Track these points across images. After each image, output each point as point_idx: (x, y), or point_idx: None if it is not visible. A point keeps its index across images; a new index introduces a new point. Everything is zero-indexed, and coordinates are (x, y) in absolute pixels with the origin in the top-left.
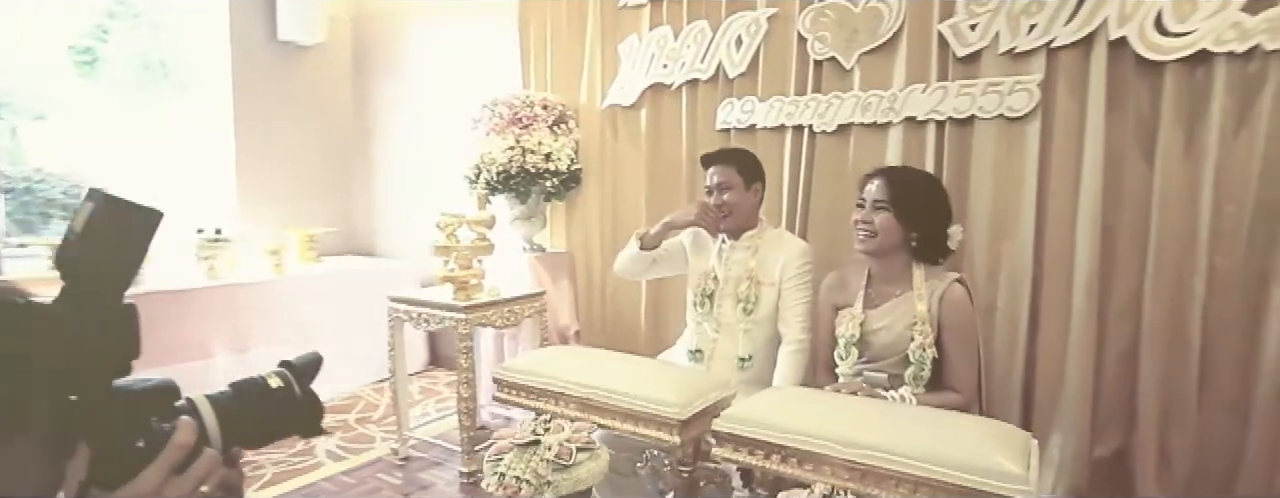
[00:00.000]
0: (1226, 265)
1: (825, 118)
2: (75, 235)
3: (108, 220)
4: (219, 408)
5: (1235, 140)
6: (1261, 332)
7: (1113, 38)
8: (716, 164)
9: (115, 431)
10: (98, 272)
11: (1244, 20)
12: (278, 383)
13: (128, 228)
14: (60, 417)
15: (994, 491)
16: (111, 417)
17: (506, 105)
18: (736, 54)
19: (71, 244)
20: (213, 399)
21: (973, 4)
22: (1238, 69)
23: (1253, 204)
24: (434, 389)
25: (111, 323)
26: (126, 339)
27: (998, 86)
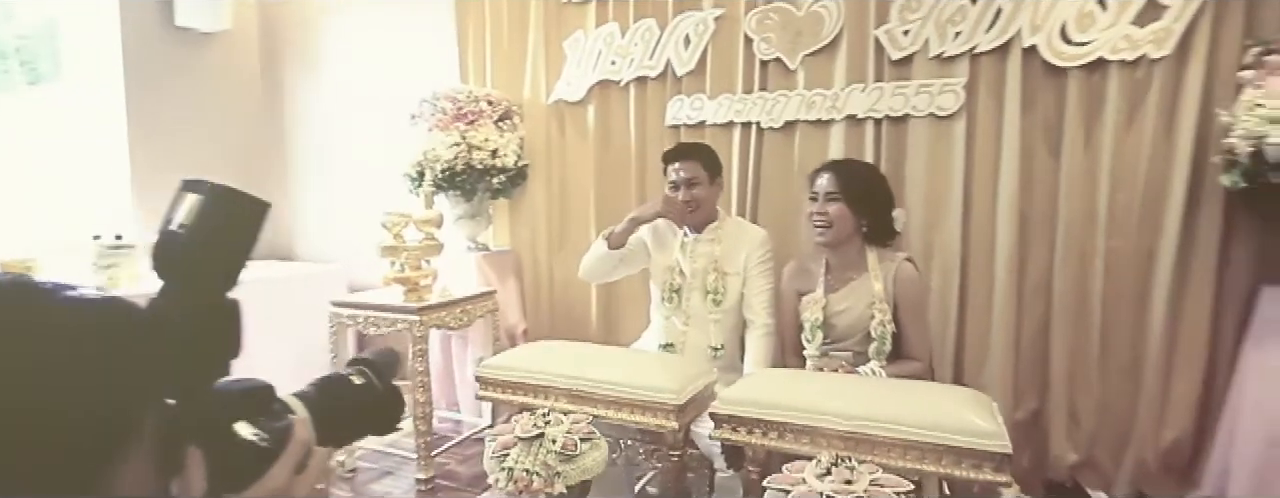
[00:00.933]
0: (1120, 247)
1: (772, 115)
2: (183, 229)
3: (217, 212)
4: (311, 407)
5: (1126, 137)
6: (1149, 303)
7: (1026, 46)
8: (682, 159)
9: (231, 432)
10: (207, 268)
11: (1133, 33)
12: (360, 380)
13: (238, 220)
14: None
15: (976, 446)
16: (224, 418)
17: (450, 100)
18: (685, 52)
19: (176, 239)
20: (303, 397)
21: (905, 11)
22: (1128, 75)
23: (1141, 192)
24: None
25: (218, 322)
26: (232, 338)
27: (928, 88)
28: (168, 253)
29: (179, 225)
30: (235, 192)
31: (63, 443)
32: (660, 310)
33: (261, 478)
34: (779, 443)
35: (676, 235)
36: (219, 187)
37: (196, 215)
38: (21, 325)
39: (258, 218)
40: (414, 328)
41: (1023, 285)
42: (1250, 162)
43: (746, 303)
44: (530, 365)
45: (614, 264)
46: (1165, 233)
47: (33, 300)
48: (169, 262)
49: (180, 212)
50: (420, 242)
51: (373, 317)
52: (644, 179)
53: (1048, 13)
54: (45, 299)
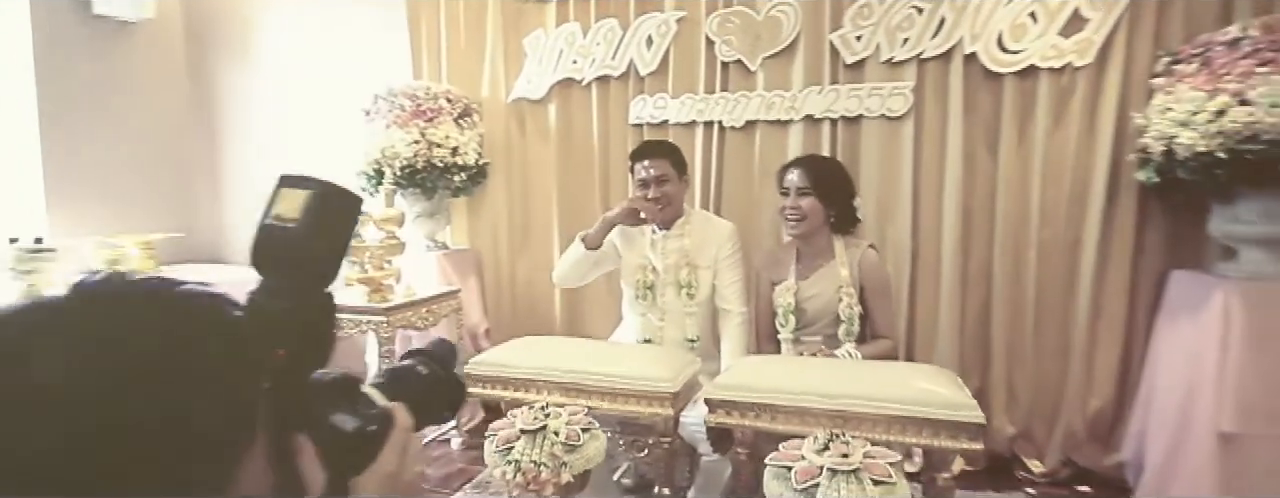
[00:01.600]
0: (1050, 237)
1: (734, 115)
2: (293, 224)
3: (325, 207)
4: (390, 396)
5: (1054, 138)
6: (1076, 288)
7: (967, 53)
8: (650, 157)
9: (334, 421)
10: (314, 262)
11: (1060, 43)
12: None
13: (343, 215)
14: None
15: (953, 418)
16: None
17: (408, 96)
18: (647, 53)
19: (285, 233)
20: (382, 388)
21: (857, 18)
22: (1055, 81)
23: (1067, 188)
24: None
25: (320, 315)
26: (331, 332)
27: (880, 90)
28: (274, 247)
29: (287, 220)
30: (340, 187)
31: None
32: (635, 308)
33: (375, 462)
34: (771, 424)
35: (645, 234)
36: (326, 181)
37: (305, 210)
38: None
39: (356, 213)
40: (380, 329)
41: (966, 273)
42: (1162, 159)
43: (720, 294)
44: (520, 361)
45: (590, 266)
46: (1088, 224)
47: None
48: (275, 256)
49: (284, 205)
50: (381, 241)
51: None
52: (608, 178)
53: (986, 23)
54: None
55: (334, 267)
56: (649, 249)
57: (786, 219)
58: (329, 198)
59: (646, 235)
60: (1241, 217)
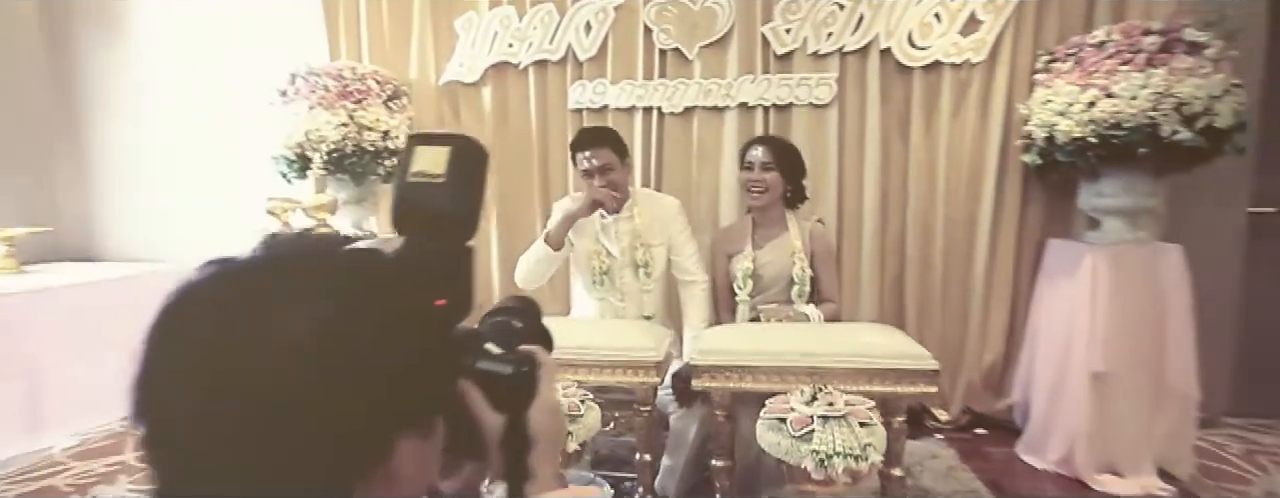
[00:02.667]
0: (952, 214)
1: (672, 101)
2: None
3: (466, 162)
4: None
5: (954, 126)
6: (973, 257)
7: (883, 48)
8: (593, 147)
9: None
10: (461, 216)
11: (960, 41)
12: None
13: (480, 167)
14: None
15: (913, 367)
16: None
17: (332, 77)
18: (586, 39)
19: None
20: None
21: (786, 12)
22: (955, 75)
23: (966, 170)
24: None
25: (466, 267)
26: (472, 282)
27: (808, 80)
28: (423, 203)
29: (434, 176)
30: (475, 140)
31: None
32: (592, 292)
33: (537, 397)
34: (753, 384)
35: (595, 220)
36: (461, 136)
37: (450, 165)
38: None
39: (488, 165)
40: None
41: (884, 245)
42: (1044, 144)
43: (680, 266)
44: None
45: (553, 264)
46: (983, 201)
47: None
48: (424, 212)
49: (425, 163)
50: (312, 228)
51: None
52: (547, 162)
53: (898, 21)
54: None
55: (477, 219)
56: (601, 234)
57: (750, 191)
58: (469, 152)
59: (596, 221)
60: (1105, 192)
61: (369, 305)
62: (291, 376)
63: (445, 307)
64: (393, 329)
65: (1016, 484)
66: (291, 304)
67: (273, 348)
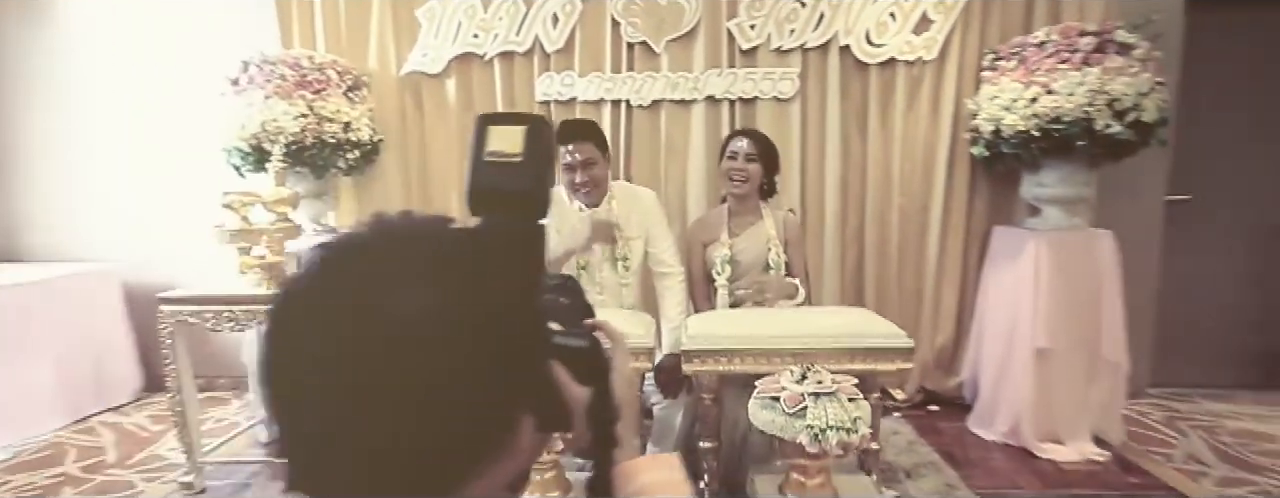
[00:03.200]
0: (906, 203)
1: (640, 94)
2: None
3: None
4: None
5: (908, 119)
6: (926, 243)
7: (842, 45)
8: (577, 141)
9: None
10: (538, 194)
11: (913, 39)
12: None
13: (551, 146)
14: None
15: (890, 345)
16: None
17: (290, 66)
18: (553, 31)
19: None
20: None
21: (751, 8)
22: (909, 72)
23: (919, 162)
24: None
25: (540, 245)
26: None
27: (772, 75)
28: (500, 183)
29: (510, 155)
30: (545, 119)
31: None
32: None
33: (614, 368)
34: (741, 367)
35: (572, 214)
36: (530, 114)
37: (526, 144)
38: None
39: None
40: None
41: (844, 233)
42: (991, 137)
43: (657, 258)
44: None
45: None
46: (935, 191)
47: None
48: (502, 191)
49: (501, 143)
50: (273, 223)
51: (231, 313)
52: None
53: (856, 19)
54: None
55: (550, 197)
56: (581, 227)
57: (732, 180)
58: (542, 130)
59: (575, 215)
60: (1045, 182)
61: (488, 284)
62: (421, 353)
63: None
64: (511, 307)
65: (969, 455)
66: (418, 283)
67: (404, 327)
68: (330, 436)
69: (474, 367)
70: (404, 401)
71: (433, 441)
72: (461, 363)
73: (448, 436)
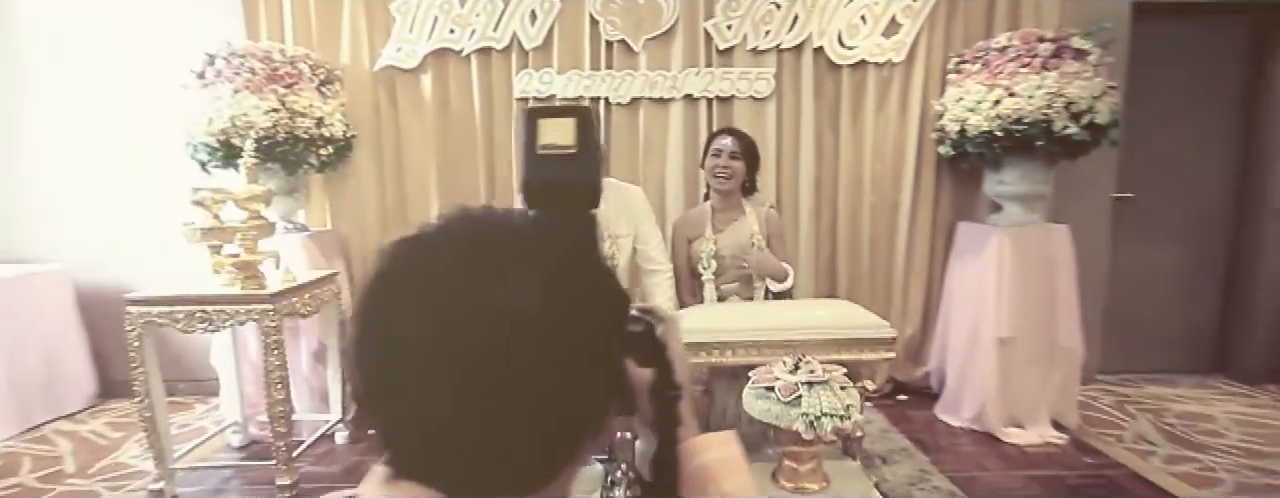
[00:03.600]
0: (877, 200)
1: (620, 91)
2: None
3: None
4: None
5: (878, 119)
6: (895, 239)
7: (816, 46)
8: None
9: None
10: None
11: (883, 42)
12: None
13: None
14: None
15: (874, 335)
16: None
17: (260, 59)
18: (531, 28)
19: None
20: None
21: (728, 9)
22: (879, 73)
23: (888, 160)
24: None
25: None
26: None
27: (748, 75)
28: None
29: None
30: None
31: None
32: None
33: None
34: (734, 358)
35: None
36: (578, 106)
37: (578, 136)
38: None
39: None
40: (266, 318)
41: (818, 229)
42: (956, 137)
43: (645, 255)
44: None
45: None
46: (903, 189)
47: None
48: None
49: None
50: (245, 221)
51: (205, 313)
52: (492, 154)
53: (829, 22)
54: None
55: (601, 186)
56: None
57: (718, 176)
58: (591, 121)
59: None
60: (1005, 180)
61: (578, 274)
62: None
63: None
64: (601, 295)
65: (938, 441)
66: (520, 275)
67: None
68: (441, 421)
69: (578, 354)
70: (518, 389)
71: (544, 426)
72: (567, 350)
73: (557, 421)
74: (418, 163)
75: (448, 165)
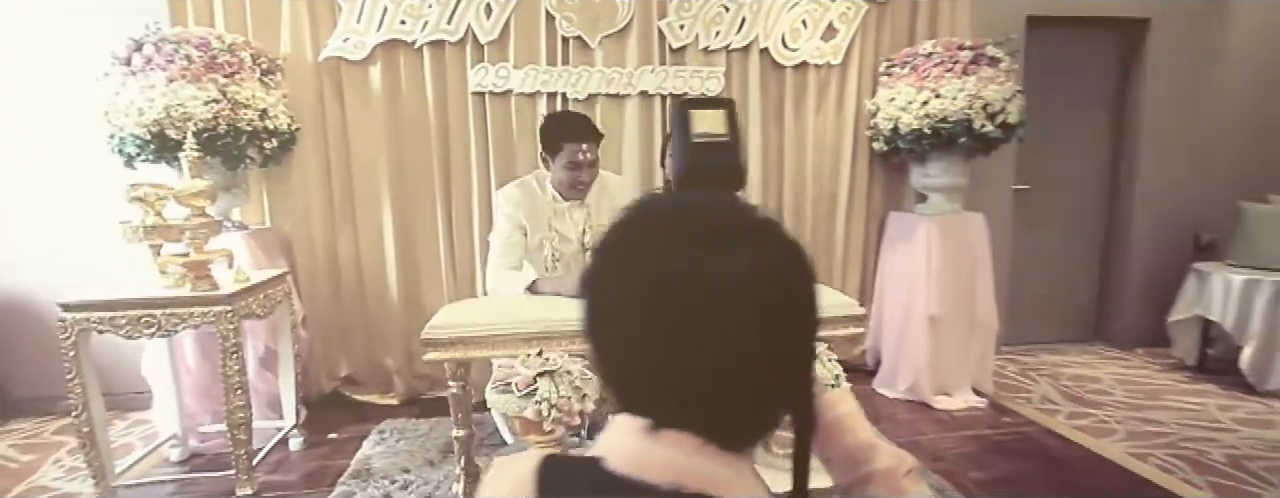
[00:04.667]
0: (818, 193)
1: (577, 87)
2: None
3: (735, 121)
4: None
5: (818, 117)
6: (835, 229)
7: (762, 47)
8: (589, 140)
9: None
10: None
11: (822, 45)
12: None
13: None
14: None
15: (847, 312)
16: None
17: (196, 46)
18: (487, 21)
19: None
20: None
21: (680, 9)
22: (818, 74)
23: (828, 155)
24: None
25: None
26: None
27: (700, 73)
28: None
29: (718, 135)
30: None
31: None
32: (542, 269)
33: None
34: None
35: (548, 206)
36: (722, 98)
37: (728, 125)
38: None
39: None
40: (223, 321)
41: None
42: (889, 134)
43: None
44: (479, 320)
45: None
46: (841, 181)
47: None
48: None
49: (706, 124)
50: (188, 219)
51: (150, 317)
52: (447, 149)
53: (774, 25)
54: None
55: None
56: (554, 220)
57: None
58: (735, 113)
59: (551, 207)
60: (930, 172)
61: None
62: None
63: None
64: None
65: (879, 412)
66: (736, 244)
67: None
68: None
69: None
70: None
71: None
72: (810, 312)
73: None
74: (367, 157)
75: (399, 159)
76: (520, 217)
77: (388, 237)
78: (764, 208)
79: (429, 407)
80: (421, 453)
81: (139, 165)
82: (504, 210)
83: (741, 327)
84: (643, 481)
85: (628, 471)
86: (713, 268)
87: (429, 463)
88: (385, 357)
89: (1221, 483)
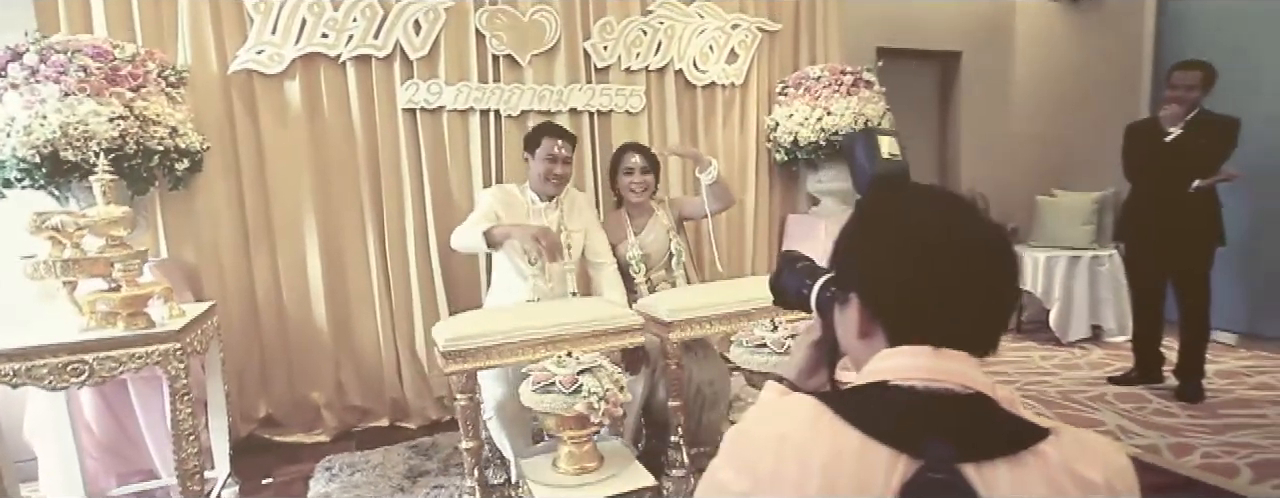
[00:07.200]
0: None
1: (510, 104)
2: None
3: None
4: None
5: (727, 132)
6: (744, 232)
7: (677, 68)
8: (564, 139)
9: None
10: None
11: (726, 68)
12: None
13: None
14: None
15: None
16: None
17: (94, 56)
18: (417, 38)
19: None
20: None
21: (603, 32)
22: (724, 94)
23: (737, 166)
24: None
25: None
26: None
27: (624, 91)
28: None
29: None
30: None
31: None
32: (523, 273)
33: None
34: (710, 330)
35: (526, 207)
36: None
37: (901, 147)
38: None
39: None
40: (171, 359)
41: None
42: (790, 146)
43: (593, 249)
44: (491, 329)
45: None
46: (748, 189)
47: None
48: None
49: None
50: (103, 250)
51: (80, 363)
52: (376, 168)
53: (686, 49)
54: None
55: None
56: (531, 219)
57: (633, 191)
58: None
59: (529, 209)
60: (822, 179)
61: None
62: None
63: None
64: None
65: None
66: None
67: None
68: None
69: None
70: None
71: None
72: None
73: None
74: (285, 178)
75: (323, 179)
76: (499, 208)
77: (313, 263)
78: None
79: (365, 439)
80: (385, 482)
81: (9, 193)
82: (485, 201)
83: (990, 271)
84: (940, 387)
85: (921, 383)
86: (968, 232)
87: (400, 489)
88: (311, 391)
89: (1064, 412)
